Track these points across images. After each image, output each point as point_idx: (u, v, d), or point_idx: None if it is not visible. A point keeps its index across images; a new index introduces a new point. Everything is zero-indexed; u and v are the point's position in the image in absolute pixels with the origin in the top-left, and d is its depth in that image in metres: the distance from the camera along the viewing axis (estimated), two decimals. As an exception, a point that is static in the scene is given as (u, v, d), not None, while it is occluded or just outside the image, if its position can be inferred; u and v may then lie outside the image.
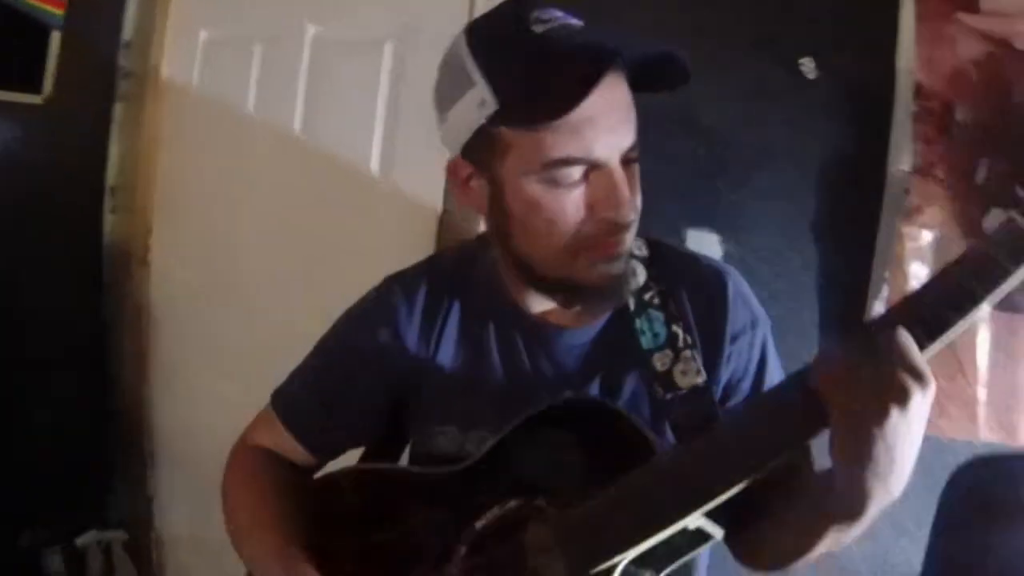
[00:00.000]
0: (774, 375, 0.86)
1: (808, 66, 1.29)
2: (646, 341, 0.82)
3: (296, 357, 0.92)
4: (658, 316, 0.83)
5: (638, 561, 0.72)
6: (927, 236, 1.26)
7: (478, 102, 0.74)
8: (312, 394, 0.90)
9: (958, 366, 1.26)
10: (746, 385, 0.85)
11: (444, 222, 1.51)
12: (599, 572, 0.71)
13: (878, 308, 1.27)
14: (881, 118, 1.24)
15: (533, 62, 0.74)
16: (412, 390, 0.87)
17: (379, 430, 0.92)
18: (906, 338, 0.61)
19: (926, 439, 0.62)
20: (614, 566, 0.71)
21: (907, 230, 1.26)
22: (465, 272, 0.88)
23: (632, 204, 0.76)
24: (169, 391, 1.78)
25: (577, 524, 0.73)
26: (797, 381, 0.66)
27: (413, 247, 1.43)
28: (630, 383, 0.83)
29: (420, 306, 0.86)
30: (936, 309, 0.63)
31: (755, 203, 1.34)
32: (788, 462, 0.67)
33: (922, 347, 0.61)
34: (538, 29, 0.75)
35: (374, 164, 1.56)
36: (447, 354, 0.86)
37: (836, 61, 1.25)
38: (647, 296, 0.84)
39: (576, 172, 0.74)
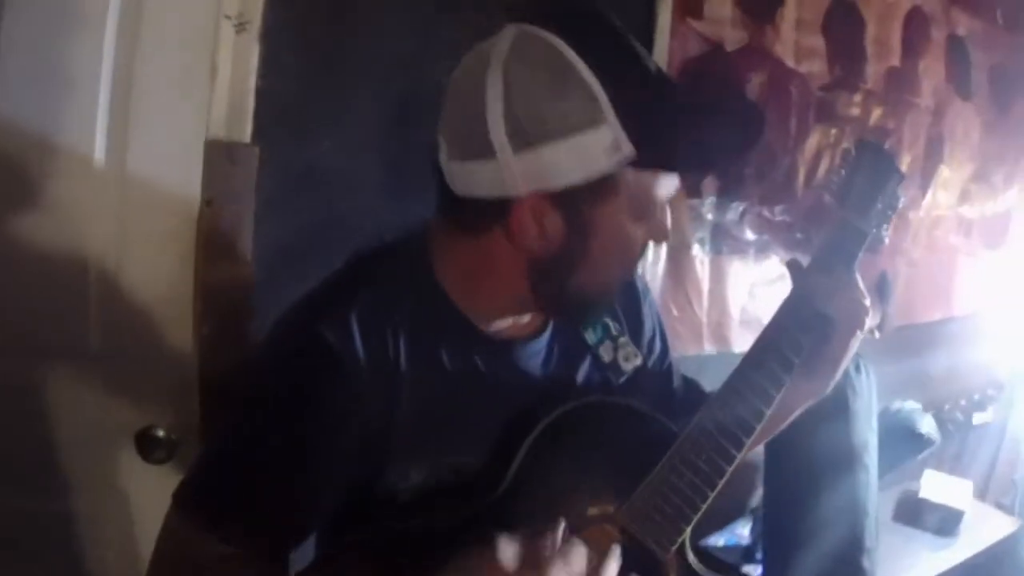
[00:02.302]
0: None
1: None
2: (590, 337, 0.90)
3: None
4: None
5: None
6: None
7: (607, 144, 0.68)
8: (252, 483, 0.72)
9: (687, 299, 1.60)
10: (657, 342, 1.00)
11: (206, 218, 1.25)
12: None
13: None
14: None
15: (674, 107, 0.73)
16: (374, 444, 0.76)
17: (335, 507, 0.78)
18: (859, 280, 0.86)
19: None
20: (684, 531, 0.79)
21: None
22: (399, 297, 0.78)
23: None
24: None
25: (644, 508, 0.78)
26: (800, 304, 0.85)
27: (165, 257, 1.18)
28: (581, 376, 0.90)
29: (360, 347, 0.74)
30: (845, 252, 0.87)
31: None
32: None
33: None
34: (642, 59, 0.72)
35: (98, 150, 1.19)
36: (404, 393, 0.77)
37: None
38: None
39: (658, 209, 0.77)
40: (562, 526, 0.70)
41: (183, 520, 0.72)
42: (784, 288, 1.72)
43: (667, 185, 0.75)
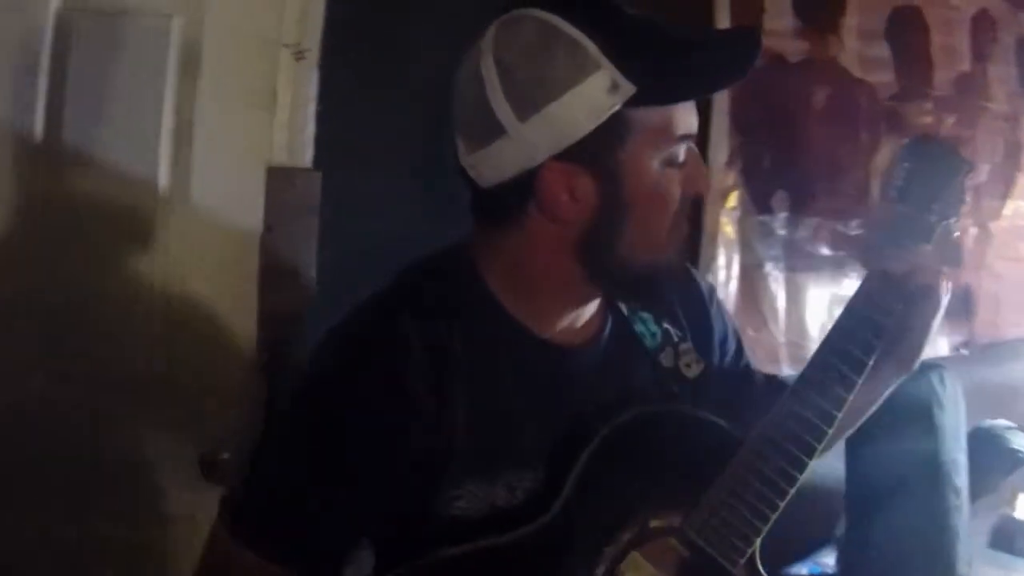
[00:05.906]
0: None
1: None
2: (649, 342, 0.85)
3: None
4: (647, 316, 0.86)
5: None
6: (733, 214, 1.51)
7: (607, 86, 0.70)
8: (302, 499, 0.71)
9: (763, 319, 1.54)
10: (731, 342, 0.94)
11: (267, 245, 1.25)
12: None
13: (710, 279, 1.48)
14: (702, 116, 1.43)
15: (663, 40, 0.73)
16: (432, 458, 0.73)
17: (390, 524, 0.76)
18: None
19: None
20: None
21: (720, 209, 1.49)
22: (450, 309, 0.76)
23: None
24: None
25: (710, 519, 0.74)
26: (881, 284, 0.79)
27: (227, 283, 1.18)
28: (640, 384, 0.84)
29: (421, 358, 0.73)
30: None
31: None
32: None
33: None
34: (630, 11, 0.74)
35: (162, 179, 1.21)
36: (463, 404, 0.74)
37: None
38: None
39: (683, 151, 0.75)
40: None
41: (229, 534, 0.71)
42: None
43: (682, 121, 0.73)
